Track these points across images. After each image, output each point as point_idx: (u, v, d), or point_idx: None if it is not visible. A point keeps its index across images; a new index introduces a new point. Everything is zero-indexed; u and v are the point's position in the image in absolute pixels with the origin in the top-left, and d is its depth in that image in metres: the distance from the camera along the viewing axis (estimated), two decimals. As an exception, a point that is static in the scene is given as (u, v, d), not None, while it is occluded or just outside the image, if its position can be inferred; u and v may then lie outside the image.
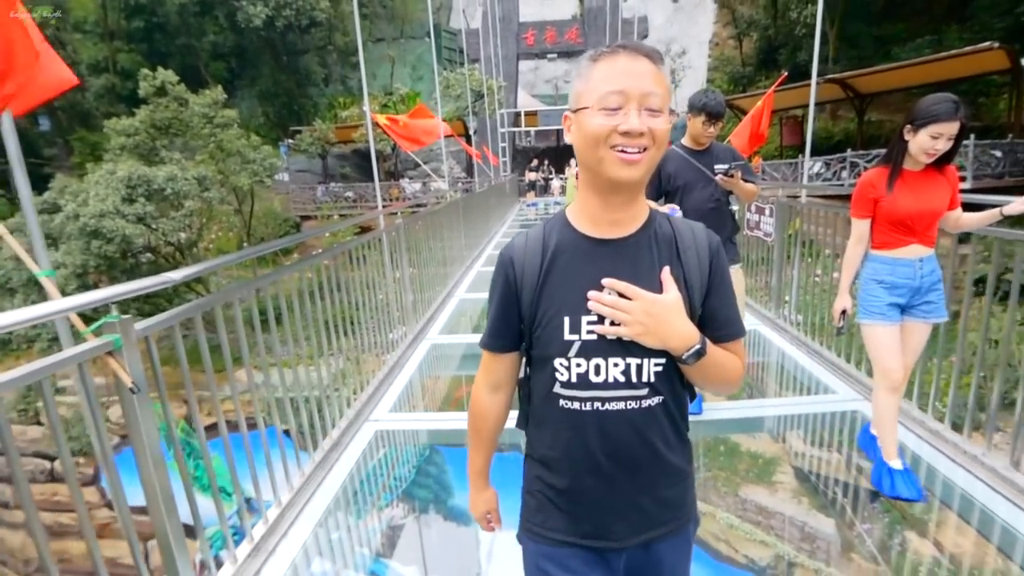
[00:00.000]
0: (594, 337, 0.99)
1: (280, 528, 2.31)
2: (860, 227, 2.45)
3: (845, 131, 20.42)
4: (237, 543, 2.16)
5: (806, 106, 23.88)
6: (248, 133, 16.81)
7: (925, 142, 2.18)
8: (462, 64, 27.09)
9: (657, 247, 1.03)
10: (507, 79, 26.58)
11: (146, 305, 12.61)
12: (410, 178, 23.98)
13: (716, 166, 2.91)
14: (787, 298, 4.67)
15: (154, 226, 11.99)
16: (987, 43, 13.58)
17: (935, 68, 15.67)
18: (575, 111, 0.99)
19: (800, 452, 3.09)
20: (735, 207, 3.27)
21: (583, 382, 1.01)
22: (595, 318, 0.99)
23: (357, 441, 3.04)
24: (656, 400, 1.02)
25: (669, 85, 0.99)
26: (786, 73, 7.79)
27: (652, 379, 1.01)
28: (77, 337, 1.68)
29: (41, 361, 1.38)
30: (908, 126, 2.24)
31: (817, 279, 4.33)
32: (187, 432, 11.07)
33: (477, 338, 1.15)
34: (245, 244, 18.31)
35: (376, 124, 7.23)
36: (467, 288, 6.87)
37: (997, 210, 2.32)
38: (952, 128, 2.14)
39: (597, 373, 1.00)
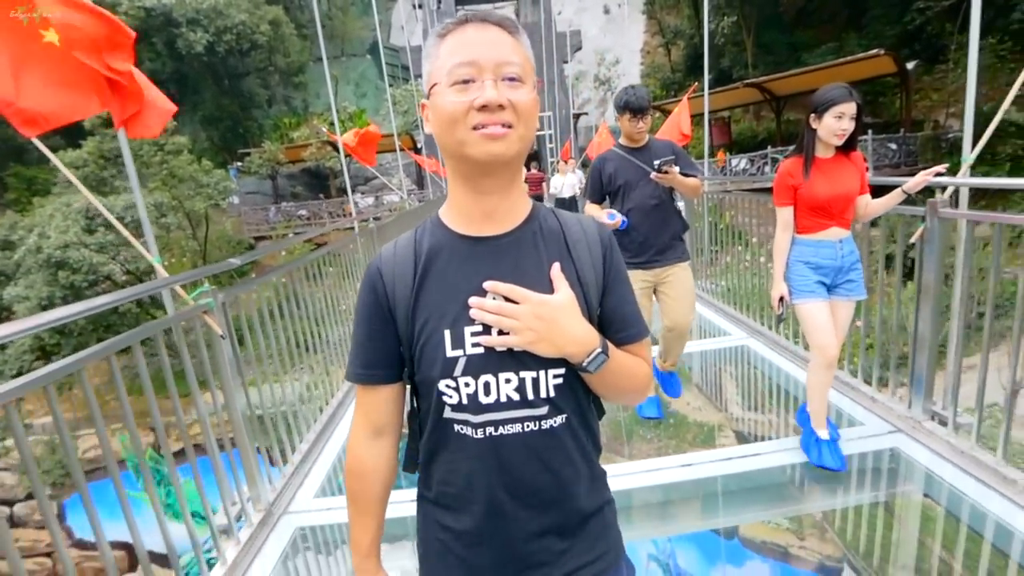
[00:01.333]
0: (480, 350, 0.85)
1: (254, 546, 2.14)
2: (784, 215, 2.55)
3: (767, 130, 22.21)
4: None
5: (732, 108, 25.66)
6: (199, 158, 16.97)
7: (832, 124, 2.33)
8: (406, 80, 27.72)
9: (544, 243, 0.90)
10: (451, 93, 27.44)
11: (107, 333, 12.75)
12: (362, 193, 24.41)
13: (655, 162, 2.83)
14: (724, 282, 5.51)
15: (116, 255, 12.15)
16: (875, 50, 15.39)
17: (838, 72, 17.46)
18: (428, 94, 0.86)
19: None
20: (681, 204, 3.28)
21: (473, 404, 0.86)
22: (479, 328, 0.85)
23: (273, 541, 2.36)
24: (558, 419, 0.88)
25: (530, 56, 0.86)
26: (696, 83, 8.87)
27: (551, 394, 0.87)
28: (178, 303, 2.39)
29: (160, 321, 2.03)
30: (812, 115, 2.39)
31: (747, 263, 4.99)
32: (155, 459, 11.26)
33: None
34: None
35: (343, 144, 7.85)
36: None
37: (899, 190, 2.50)
38: (851, 108, 2.31)
39: (487, 392, 0.85)
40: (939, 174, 2.43)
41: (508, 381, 0.86)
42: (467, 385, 0.86)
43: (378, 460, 0.97)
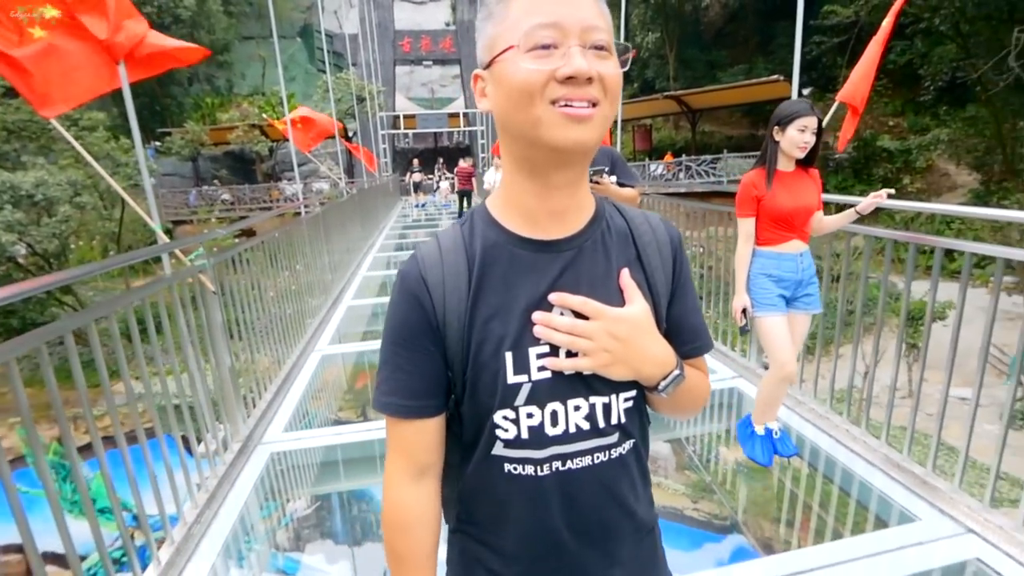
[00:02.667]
0: (548, 375, 0.71)
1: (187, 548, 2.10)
2: (747, 226, 2.52)
3: (685, 139, 23.93)
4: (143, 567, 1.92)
5: (653, 116, 27.28)
6: (115, 135, 16.17)
7: (795, 137, 2.35)
8: (337, 67, 27.33)
9: (613, 246, 0.77)
10: (385, 84, 27.35)
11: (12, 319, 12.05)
12: (288, 179, 23.96)
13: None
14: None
15: (24, 234, 11.56)
16: (776, 76, 17.15)
17: (745, 91, 19.28)
18: (489, 63, 0.70)
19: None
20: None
21: (536, 437, 0.72)
22: (546, 349, 0.71)
23: (251, 467, 2.67)
24: (627, 445, 0.77)
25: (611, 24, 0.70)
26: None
27: (622, 419, 0.75)
28: (177, 265, 2.79)
29: (162, 278, 2.37)
30: (776, 128, 2.40)
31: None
32: (59, 454, 10.83)
33: (370, 345, 0.79)
34: (112, 253, 17.50)
35: (291, 124, 8.04)
36: (354, 294, 6.35)
37: (852, 210, 2.53)
38: (813, 121, 2.34)
39: (555, 423, 0.72)
40: (890, 196, 2.50)
41: (578, 408, 0.73)
42: (530, 416, 0.72)
43: (426, 507, 0.78)
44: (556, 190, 0.73)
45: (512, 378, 0.72)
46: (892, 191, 2.54)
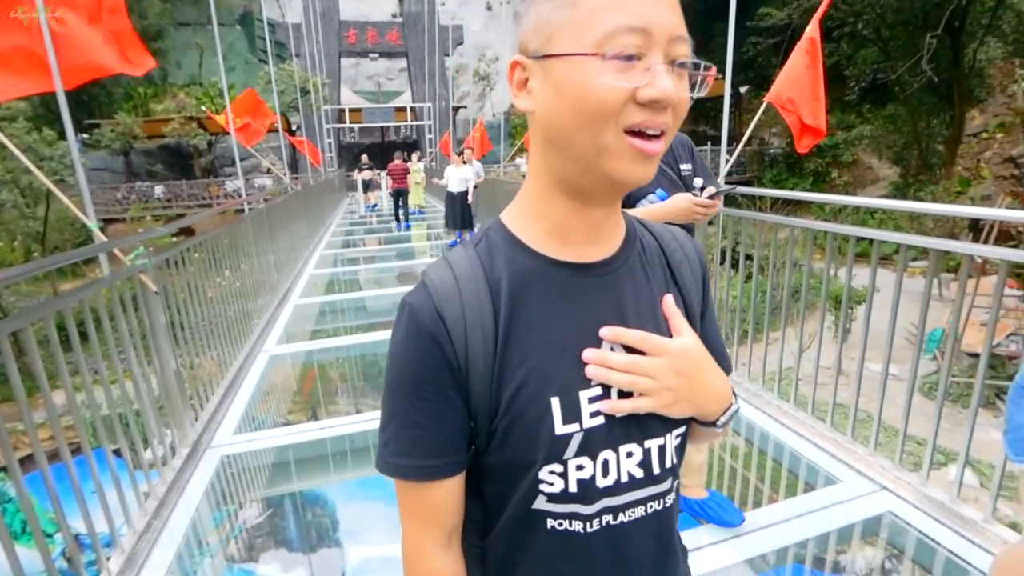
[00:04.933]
0: (601, 421, 0.61)
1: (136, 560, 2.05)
2: None
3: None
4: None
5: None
6: (37, 127, 15.17)
7: None
8: (280, 57, 26.47)
9: (650, 268, 0.68)
10: (330, 76, 26.69)
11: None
12: (229, 175, 23.11)
13: (696, 180, 2.10)
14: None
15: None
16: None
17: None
18: (543, 57, 0.56)
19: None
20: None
21: (587, 492, 0.62)
22: (599, 391, 0.61)
23: (201, 471, 2.62)
24: (675, 489, 0.69)
25: None
26: None
27: (674, 461, 0.67)
28: (115, 266, 2.72)
29: (100, 279, 2.31)
30: None
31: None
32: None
33: (319, 344, 0.64)
34: (36, 255, 16.45)
35: (232, 113, 7.78)
36: (301, 293, 6.25)
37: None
38: None
39: (606, 473, 0.62)
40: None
41: (630, 455, 0.63)
42: (580, 468, 0.61)
43: (462, 572, 0.68)
44: (595, 208, 0.62)
45: (561, 428, 0.60)
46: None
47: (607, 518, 0.64)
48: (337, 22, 28.20)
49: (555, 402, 0.60)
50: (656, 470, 0.65)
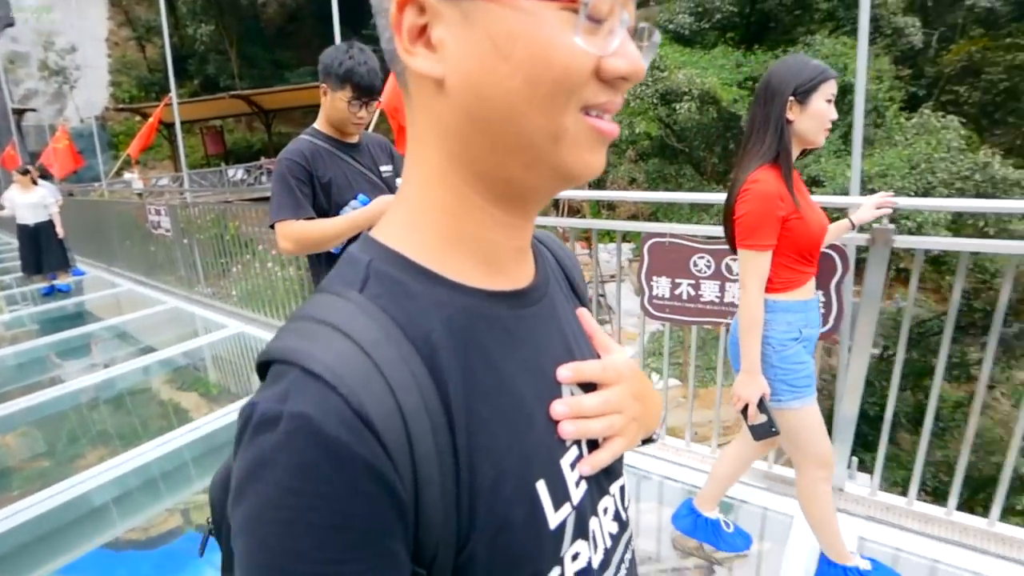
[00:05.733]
0: (584, 488, 0.48)
1: None
2: (764, 264, 1.58)
3: (262, 141, 23.21)
4: None
5: (223, 117, 25.39)
6: None
7: (824, 112, 1.54)
8: None
9: (559, 279, 0.57)
10: None
11: None
12: None
13: (398, 180, 1.89)
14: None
15: None
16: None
17: (316, 92, 19.86)
18: None
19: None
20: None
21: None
22: (575, 451, 0.47)
23: None
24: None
25: None
26: (170, 93, 8.72)
27: (629, 499, 0.58)
28: None
29: None
30: (791, 100, 1.52)
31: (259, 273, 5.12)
32: None
33: None
34: None
35: None
36: None
37: (846, 221, 1.86)
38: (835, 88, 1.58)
39: (596, 548, 0.49)
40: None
41: (607, 511, 0.52)
42: (576, 558, 0.46)
43: None
44: (527, 221, 0.48)
45: (554, 518, 0.44)
46: (892, 194, 1.89)
47: None
48: None
49: (541, 487, 0.43)
50: (623, 516, 0.54)
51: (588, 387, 0.50)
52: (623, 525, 0.54)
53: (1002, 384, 9.70)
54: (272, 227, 1.78)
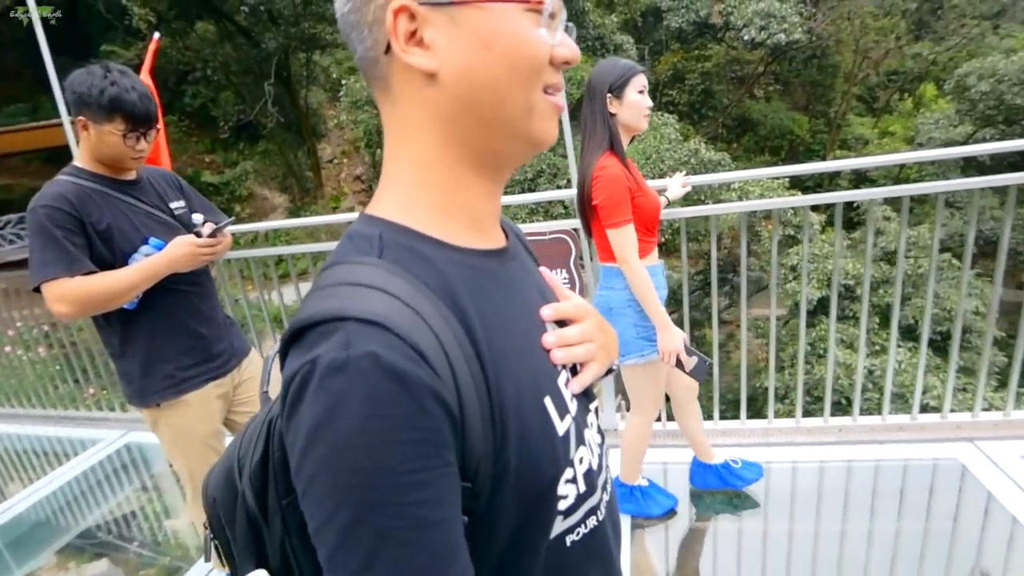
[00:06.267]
0: (576, 403, 0.59)
1: None
2: (632, 236, 1.79)
3: (-29, 197, 18.82)
4: None
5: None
6: None
7: (638, 101, 1.80)
8: None
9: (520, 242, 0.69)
10: None
11: None
12: None
13: (195, 216, 1.73)
14: None
15: None
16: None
17: (39, 135, 16.76)
18: (450, 3, 0.48)
19: None
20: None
21: (591, 480, 0.58)
22: (566, 376, 0.58)
23: None
24: None
25: None
26: None
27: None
28: None
29: None
30: (609, 97, 1.78)
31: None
32: None
33: None
34: None
35: None
36: None
37: (663, 198, 2.18)
38: (645, 80, 1.86)
39: (592, 452, 0.60)
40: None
41: (590, 425, 0.62)
42: (581, 461, 0.57)
43: None
44: (502, 183, 0.58)
45: (561, 426, 0.54)
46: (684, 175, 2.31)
47: (605, 496, 0.61)
48: None
49: (548, 402, 0.53)
50: (600, 429, 0.64)
51: (561, 325, 0.60)
52: (602, 436, 0.64)
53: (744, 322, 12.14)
54: (37, 290, 1.48)
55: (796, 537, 2.20)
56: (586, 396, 0.62)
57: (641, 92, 1.82)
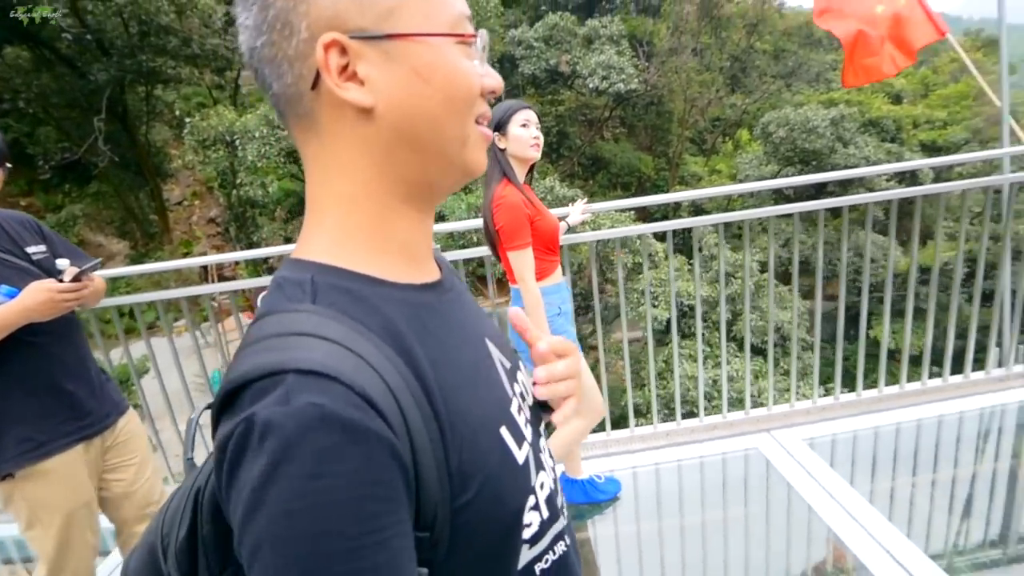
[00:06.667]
0: (531, 429, 0.58)
1: None
2: (530, 258, 1.96)
3: None
4: None
5: None
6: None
7: (522, 135, 2.00)
8: None
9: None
10: None
11: None
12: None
13: (59, 261, 1.57)
14: None
15: None
16: None
17: None
18: (384, 37, 0.47)
19: None
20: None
21: (552, 504, 0.57)
22: (517, 403, 0.57)
23: None
24: None
25: None
26: None
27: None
28: None
29: None
30: (496, 135, 2.01)
31: None
32: None
33: None
34: None
35: None
36: None
37: (563, 223, 2.35)
38: (533, 115, 2.04)
39: (549, 476, 0.59)
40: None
41: (543, 449, 0.61)
42: (542, 487, 0.55)
43: None
44: (431, 214, 0.56)
45: (519, 454, 0.53)
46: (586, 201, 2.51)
47: (565, 540, 0.58)
48: None
49: (504, 432, 0.52)
50: (550, 451, 0.64)
51: (490, 357, 0.58)
52: (552, 459, 0.63)
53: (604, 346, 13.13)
54: None
55: (645, 536, 2.44)
56: (536, 419, 0.61)
57: (524, 126, 2.01)
